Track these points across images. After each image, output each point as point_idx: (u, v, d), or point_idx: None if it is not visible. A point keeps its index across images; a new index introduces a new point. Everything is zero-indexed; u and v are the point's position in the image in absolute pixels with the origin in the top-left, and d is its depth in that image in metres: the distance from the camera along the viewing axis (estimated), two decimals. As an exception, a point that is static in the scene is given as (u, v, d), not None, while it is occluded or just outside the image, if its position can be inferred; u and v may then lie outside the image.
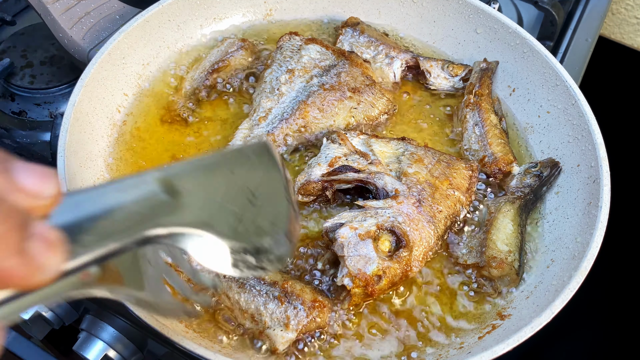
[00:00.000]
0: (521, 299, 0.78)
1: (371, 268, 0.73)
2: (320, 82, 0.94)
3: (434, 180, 0.83)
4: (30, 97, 1.09)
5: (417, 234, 0.78)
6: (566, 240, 0.82)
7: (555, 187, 0.89)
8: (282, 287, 0.74)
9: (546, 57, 0.95)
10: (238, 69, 1.01)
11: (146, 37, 0.98)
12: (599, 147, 0.85)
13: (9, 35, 1.17)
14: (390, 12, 1.10)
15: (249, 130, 0.90)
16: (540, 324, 0.70)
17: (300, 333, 0.73)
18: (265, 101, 0.93)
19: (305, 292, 0.74)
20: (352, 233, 0.75)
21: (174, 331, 0.66)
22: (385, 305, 0.79)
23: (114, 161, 0.89)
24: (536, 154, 0.95)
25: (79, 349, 0.93)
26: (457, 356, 0.72)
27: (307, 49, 0.98)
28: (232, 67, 1.00)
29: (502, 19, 1.00)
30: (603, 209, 0.79)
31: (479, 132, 0.93)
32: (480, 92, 0.97)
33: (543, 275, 0.80)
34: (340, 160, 0.85)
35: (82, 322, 0.96)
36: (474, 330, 0.77)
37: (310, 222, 0.86)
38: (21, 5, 1.25)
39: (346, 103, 0.93)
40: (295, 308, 0.73)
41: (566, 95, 0.92)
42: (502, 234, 0.81)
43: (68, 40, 1.02)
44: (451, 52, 1.07)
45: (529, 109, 0.98)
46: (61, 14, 1.02)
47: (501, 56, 1.02)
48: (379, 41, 1.03)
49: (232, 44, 1.02)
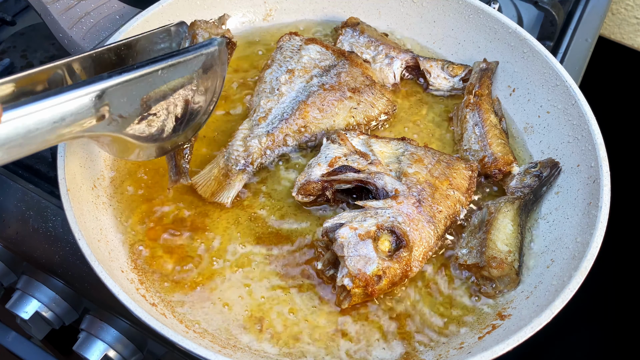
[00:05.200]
0: (521, 299, 0.78)
1: (371, 268, 0.73)
2: (320, 82, 0.94)
3: (434, 180, 0.83)
4: (30, 97, 1.09)
5: (417, 234, 0.78)
6: (566, 240, 0.82)
7: (555, 187, 0.89)
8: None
9: (546, 57, 0.95)
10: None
11: (146, 37, 0.98)
12: (599, 147, 0.85)
13: (9, 35, 1.17)
14: (390, 12, 1.10)
15: (249, 130, 0.90)
16: (540, 324, 0.70)
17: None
18: (265, 101, 0.93)
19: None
20: (352, 233, 0.75)
21: (174, 331, 0.66)
22: (385, 305, 0.79)
23: (114, 160, 0.89)
24: (536, 154, 0.95)
25: (79, 349, 0.93)
26: (457, 356, 0.72)
27: (307, 49, 0.98)
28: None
29: (502, 19, 1.00)
30: (603, 209, 0.79)
31: (479, 133, 0.93)
32: (480, 93, 0.97)
33: (543, 275, 0.80)
34: (340, 160, 0.85)
35: (82, 322, 0.96)
36: (474, 330, 0.77)
37: (310, 222, 0.86)
38: (21, 5, 1.25)
39: (346, 103, 0.93)
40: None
41: (566, 95, 0.92)
42: (502, 234, 0.81)
43: (68, 40, 1.02)
44: (451, 53, 1.07)
45: (529, 109, 0.98)
46: (61, 14, 1.02)
47: (501, 56, 1.02)
48: (378, 41, 1.03)
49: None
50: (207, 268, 0.80)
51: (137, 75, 0.65)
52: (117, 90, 0.63)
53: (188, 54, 0.72)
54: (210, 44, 0.76)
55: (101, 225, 0.80)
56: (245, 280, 0.80)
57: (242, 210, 0.86)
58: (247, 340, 0.75)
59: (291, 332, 0.76)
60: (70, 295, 0.96)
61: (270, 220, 0.85)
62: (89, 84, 0.60)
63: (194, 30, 0.87)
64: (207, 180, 0.86)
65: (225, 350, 0.72)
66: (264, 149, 0.89)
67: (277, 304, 0.78)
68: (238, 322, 0.76)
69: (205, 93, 0.77)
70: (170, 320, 0.74)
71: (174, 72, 0.71)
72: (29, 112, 0.53)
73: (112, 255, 0.78)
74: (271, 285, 0.79)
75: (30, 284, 0.95)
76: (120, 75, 0.63)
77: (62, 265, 0.91)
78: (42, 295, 0.95)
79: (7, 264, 0.98)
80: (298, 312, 0.77)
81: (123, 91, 0.64)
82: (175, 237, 0.83)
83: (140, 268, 0.79)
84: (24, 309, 0.94)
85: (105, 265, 0.71)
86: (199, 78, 0.75)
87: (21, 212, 0.93)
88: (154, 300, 0.76)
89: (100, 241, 0.78)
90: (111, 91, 0.62)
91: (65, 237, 0.91)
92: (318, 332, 0.76)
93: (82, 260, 0.77)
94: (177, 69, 0.71)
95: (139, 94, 0.67)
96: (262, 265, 0.81)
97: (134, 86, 0.66)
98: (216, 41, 0.76)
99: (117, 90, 0.63)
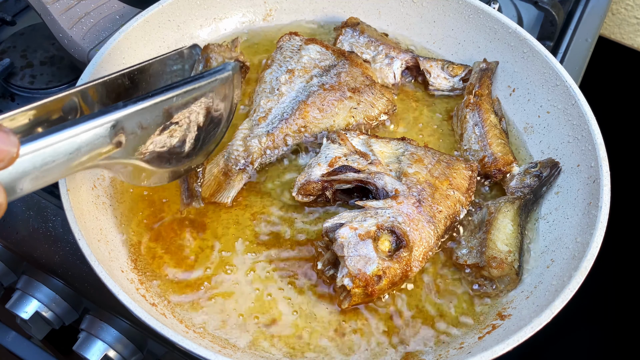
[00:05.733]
0: (521, 299, 0.78)
1: (371, 268, 0.73)
2: (320, 82, 0.94)
3: (434, 180, 0.83)
4: (30, 97, 1.09)
5: (417, 234, 0.78)
6: (566, 240, 0.82)
7: (555, 187, 0.89)
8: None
9: (546, 57, 0.95)
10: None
11: (146, 37, 0.98)
12: (599, 147, 0.85)
13: (9, 35, 1.17)
14: (390, 12, 1.10)
15: (249, 130, 0.90)
16: (540, 324, 0.70)
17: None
18: (265, 101, 0.93)
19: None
20: (352, 233, 0.75)
21: (174, 331, 0.66)
22: (384, 305, 0.79)
23: (114, 161, 0.89)
24: (536, 154, 0.95)
25: (79, 349, 0.93)
26: (457, 356, 0.72)
27: (307, 49, 0.98)
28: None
29: (502, 19, 1.00)
30: (603, 209, 0.79)
31: (479, 133, 0.93)
32: (480, 93, 0.97)
33: (543, 275, 0.80)
34: (340, 160, 0.85)
35: (82, 322, 0.96)
36: (474, 330, 0.77)
37: (310, 222, 0.86)
38: (21, 5, 1.25)
39: (346, 103, 0.93)
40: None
41: (566, 95, 0.92)
42: (502, 234, 0.81)
43: (68, 40, 1.02)
44: (451, 53, 1.07)
45: (529, 109, 0.98)
46: (61, 14, 1.02)
47: (501, 56, 1.02)
48: (378, 41, 1.03)
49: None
50: (207, 268, 0.80)
51: (152, 103, 0.65)
52: (132, 118, 0.62)
53: (202, 79, 0.72)
54: (224, 69, 0.75)
55: (101, 225, 0.80)
56: (245, 280, 0.80)
57: (242, 210, 0.86)
58: (247, 340, 0.75)
59: (291, 332, 0.76)
60: (70, 295, 0.96)
61: (270, 220, 0.85)
62: (104, 114, 0.59)
63: (208, 54, 0.87)
64: (207, 180, 0.86)
65: (225, 350, 0.72)
66: (264, 149, 0.89)
67: (277, 303, 0.78)
68: (238, 322, 0.76)
69: (217, 118, 0.77)
70: (170, 320, 0.74)
71: (189, 97, 0.70)
72: (46, 144, 0.53)
73: (112, 255, 0.78)
74: (271, 285, 0.79)
75: (30, 284, 0.95)
76: (136, 104, 0.63)
77: (62, 265, 0.91)
78: (42, 295, 0.95)
79: (7, 263, 0.98)
80: (298, 312, 0.77)
81: (138, 119, 0.64)
82: (175, 237, 0.83)
83: (140, 268, 0.79)
84: (24, 309, 0.94)
85: (105, 265, 0.71)
86: (213, 103, 0.75)
87: (21, 211, 0.93)
88: (154, 300, 0.76)
89: (100, 241, 0.78)
90: (126, 120, 0.61)
91: (65, 237, 0.91)
92: (318, 332, 0.76)
93: (82, 260, 0.77)
94: (191, 94, 0.70)
95: (153, 120, 0.67)
96: (262, 265, 0.81)
97: (149, 113, 0.65)
98: (230, 66, 0.76)
99: (132, 119, 0.62)
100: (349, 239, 0.75)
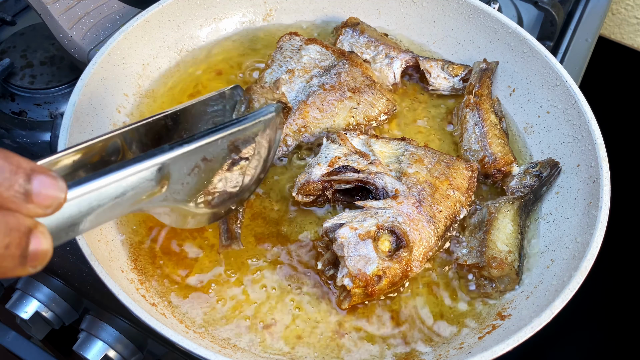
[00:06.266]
0: (521, 299, 0.78)
1: (371, 268, 0.73)
2: (320, 82, 0.94)
3: (434, 180, 0.83)
4: (30, 97, 1.09)
5: (417, 234, 0.78)
6: (566, 240, 0.82)
7: (555, 187, 0.89)
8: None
9: (546, 57, 0.95)
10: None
11: (146, 37, 0.98)
12: (599, 147, 0.85)
13: (9, 35, 1.17)
14: (390, 12, 1.10)
15: (249, 131, 0.90)
16: (540, 324, 0.70)
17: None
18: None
19: None
20: (352, 233, 0.75)
21: (174, 331, 0.66)
22: (385, 305, 0.79)
23: (114, 161, 0.89)
24: (536, 154, 0.95)
25: (79, 349, 0.93)
26: (457, 356, 0.72)
27: (307, 49, 0.98)
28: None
29: (502, 19, 1.00)
30: (603, 209, 0.79)
31: (479, 133, 0.93)
32: (480, 93, 0.97)
33: (543, 275, 0.80)
34: (340, 160, 0.85)
35: (82, 322, 0.96)
36: (473, 330, 0.77)
37: (310, 222, 0.86)
38: (21, 5, 1.25)
39: (346, 103, 0.93)
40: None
41: (566, 95, 0.92)
42: (502, 234, 0.81)
43: (68, 40, 1.02)
44: (451, 53, 1.07)
45: (529, 109, 0.98)
46: (61, 14, 1.02)
47: (501, 56, 1.02)
48: (378, 41, 1.03)
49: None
50: (206, 268, 0.80)
51: (197, 146, 0.64)
52: (177, 161, 0.61)
53: (246, 121, 0.71)
54: (267, 111, 0.74)
55: (101, 225, 0.80)
56: (245, 280, 0.80)
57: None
58: (247, 340, 0.75)
59: (291, 332, 0.76)
60: (70, 295, 0.96)
61: (270, 220, 0.85)
62: (150, 157, 0.58)
63: (250, 95, 0.86)
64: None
65: (225, 350, 0.72)
66: (264, 149, 0.89)
67: (277, 304, 0.78)
68: (238, 322, 0.76)
69: (259, 159, 0.76)
70: (170, 320, 0.74)
71: (234, 139, 0.70)
72: (93, 188, 0.51)
73: (112, 255, 0.78)
74: (271, 285, 0.79)
75: (30, 284, 0.95)
76: (182, 146, 0.62)
77: (62, 265, 0.91)
78: (42, 295, 0.95)
79: (7, 264, 0.98)
80: (298, 312, 0.78)
81: (183, 162, 0.63)
82: (175, 237, 0.83)
83: (140, 268, 0.79)
84: (24, 309, 0.94)
85: (105, 265, 0.71)
86: (256, 144, 0.74)
87: (21, 212, 0.93)
88: (154, 300, 0.76)
89: (100, 241, 0.78)
90: (172, 162, 0.61)
91: (65, 237, 0.91)
92: (318, 332, 0.76)
93: (82, 260, 0.77)
94: (235, 136, 0.70)
95: (198, 163, 0.66)
96: (262, 266, 0.81)
97: (194, 156, 0.65)
98: (273, 107, 0.75)
99: (177, 161, 0.62)
100: (349, 239, 0.75)
